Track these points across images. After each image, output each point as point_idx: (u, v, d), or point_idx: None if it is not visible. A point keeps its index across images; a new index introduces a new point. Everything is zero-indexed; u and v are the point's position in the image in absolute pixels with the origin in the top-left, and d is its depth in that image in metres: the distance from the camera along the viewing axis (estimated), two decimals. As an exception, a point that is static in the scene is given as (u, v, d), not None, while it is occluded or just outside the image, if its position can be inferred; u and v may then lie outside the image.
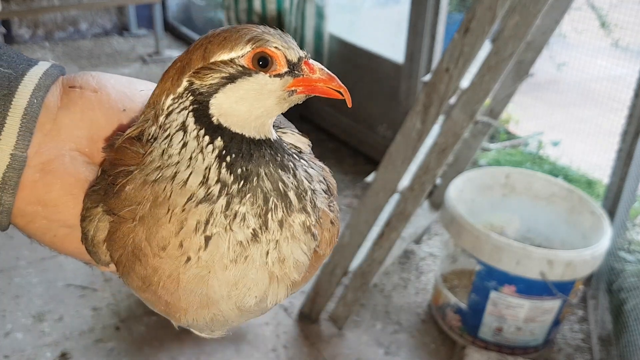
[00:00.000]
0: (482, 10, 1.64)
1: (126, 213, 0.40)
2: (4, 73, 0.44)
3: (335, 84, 0.43)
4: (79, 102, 0.47)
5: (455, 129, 1.80)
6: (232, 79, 0.40)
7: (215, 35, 0.41)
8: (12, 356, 2.13)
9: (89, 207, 0.44)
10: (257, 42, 0.40)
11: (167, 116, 0.40)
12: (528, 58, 2.26)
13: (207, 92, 0.40)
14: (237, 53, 0.40)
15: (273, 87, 0.41)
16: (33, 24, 5.51)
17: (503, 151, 3.55)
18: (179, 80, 0.40)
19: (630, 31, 3.02)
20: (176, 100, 0.40)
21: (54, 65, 0.47)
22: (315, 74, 0.43)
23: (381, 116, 3.45)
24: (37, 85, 0.45)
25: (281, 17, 3.91)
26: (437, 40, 3.00)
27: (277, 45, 0.41)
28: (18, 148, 0.43)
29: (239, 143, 0.41)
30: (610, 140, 2.68)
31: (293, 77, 0.42)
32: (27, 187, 0.45)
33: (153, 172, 0.40)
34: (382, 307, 2.43)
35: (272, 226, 0.41)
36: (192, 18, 5.78)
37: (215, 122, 0.40)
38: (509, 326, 2.08)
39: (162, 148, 0.40)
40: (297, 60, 0.42)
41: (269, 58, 0.41)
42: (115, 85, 0.49)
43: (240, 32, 0.41)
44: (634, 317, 2.04)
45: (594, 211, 2.16)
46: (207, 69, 0.40)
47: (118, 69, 4.94)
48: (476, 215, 2.22)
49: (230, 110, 0.40)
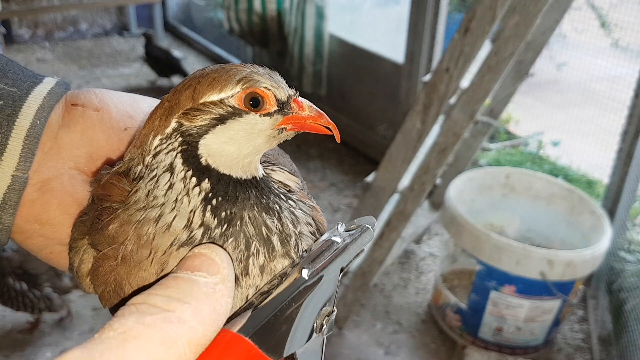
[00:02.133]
0: (482, 10, 1.64)
1: (109, 251, 0.40)
2: (9, 91, 0.44)
3: (324, 120, 0.43)
4: (80, 121, 0.47)
5: (455, 129, 1.80)
6: (222, 120, 0.40)
7: (204, 75, 0.40)
8: (12, 356, 2.13)
9: (75, 238, 0.43)
10: (247, 82, 0.40)
11: (154, 156, 0.40)
12: (528, 58, 2.26)
13: (196, 133, 0.39)
14: (227, 94, 0.40)
15: (263, 127, 0.41)
16: (33, 24, 5.51)
17: (503, 151, 3.55)
18: (167, 121, 0.40)
19: (630, 31, 3.02)
20: (164, 140, 0.40)
21: (58, 83, 0.47)
22: (304, 112, 0.43)
23: (381, 116, 3.45)
24: (40, 106, 0.44)
25: (281, 17, 3.91)
26: (437, 40, 3.01)
27: (267, 86, 0.41)
28: (19, 169, 0.43)
29: (226, 185, 0.40)
30: (610, 140, 2.68)
31: (283, 115, 0.42)
32: (25, 205, 0.45)
33: (137, 212, 0.39)
34: (382, 307, 2.43)
35: (253, 271, 0.40)
36: (192, 18, 5.78)
37: (204, 162, 0.40)
38: (509, 326, 2.09)
39: (147, 189, 0.39)
40: (287, 99, 0.42)
41: (260, 98, 0.40)
42: (118, 104, 0.49)
43: (229, 72, 0.40)
44: (634, 317, 2.04)
45: (594, 211, 2.16)
46: (196, 110, 0.39)
47: (118, 69, 4.94)
48: (476, 215, 2.22)
49: (219, 150, 0.40)
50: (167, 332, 0.30)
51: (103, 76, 4.82)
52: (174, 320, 0.31)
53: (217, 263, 0.36)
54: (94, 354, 0.29)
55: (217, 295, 0.34)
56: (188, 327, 0.31)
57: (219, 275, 0.35)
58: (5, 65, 0.46)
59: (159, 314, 0.31)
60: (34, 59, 5.12)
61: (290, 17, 3.76)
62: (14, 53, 5.17)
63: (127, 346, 0.29)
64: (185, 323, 0.31)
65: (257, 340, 0.34)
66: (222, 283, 0.35)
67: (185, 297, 0.33)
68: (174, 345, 0.30)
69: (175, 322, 0.31)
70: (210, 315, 0.33)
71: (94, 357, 0.29)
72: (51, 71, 4.84)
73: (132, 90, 4.56)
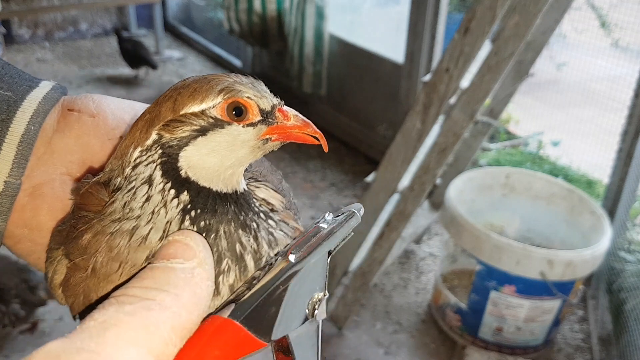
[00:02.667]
0: (482, 10, 1.64)
1: (80, 261, 0.39)
2: (4, 96, 0.44)
3: (311, 129, 0.42)
4: (75, 126, 0.47)
5: (455, 129, 1.80)
6: (203, 132, 0.39)
7: (185, 86, 0.39)
8: (12, 356, 2.13)
9: (51, 248, 0.43)
10: (229, 92, 0.39)
11: (133, 168, 0.39)
12: (528, 58, 2.26)
13: (177, 145, 0.38)
14: (209, 104, 0.39)
15: (246, 137, 0.40)
16: (33, 24, 5.51)
17: (503, 151, 3.55)
18: (148, 133, 0.39)
19: (630, 31, 3.02)
20: (144, 152, 0.39)
21: (54, 88, 0.47)
22: (289, 121, 0.41)
23: (381, 116, 3.45)
24: (35, 111, 0.44)
25: (281, 17, 3.91)
26: (437, 40, 3.01)
27: (249, 95, 0.40)
28: (12, 175, 0.43)
29: (205, 197, 0.39)
30: (610, 140, 2.68)
31: (267, 125, 0.41)
32: (16, 210, 0.45)
33: (112, 223, 0.38)
34: (382, 307, 2.43)
35: (223, 290, 0.39)
36: (192, 18, 5.78)
37: (184, 175, 0.39)
38: (509, 326, 2.09)
39: (124, 200, 0.38)
40: (271, 109, 0.41)
41: (243, 108, 0.39)
42: (115, 111, 0.49)
43: (211, 83, 0.39)
44: (634, 317, 2.04)
45: (594, 211, 2.16)
46: (177, 121, 0.38)
47: (118, 69, 4.94)
48: (476, 215, 2.22)
49: (200, 162, 0.39)
50: (148, 319, 0.30)
51: (103, 76, 4.82)
52: (155, 307, 0.31)
53: (193, 247, 0.36)
54: (74, 343, 0.29)
55: (196, 280, 0.34)
56: (170, 312, 0.31)
57: (196, 260, 0.35)
58: (2, 68, 0.46)
59: (138, 302, 0.31)
60: (34, 59, 5.12)
61: (290, 17, 3.76)
62: (14, 53, 5.17)
63: (108, 334, 0.29)
64: (166, 309, 0.31)
65: (247, 324, 0.34)
66: (199, 267, 0.35)
67: (164, 285, 0.33)
68: (157, 330, 0.30)
69: (156, 309, 0.31)
70: (192, 300, 0.33)
71: (75, 346, 0.29)
72: (51, 71, 4.84)
73: (132, 90, 4.58)
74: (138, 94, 4.49)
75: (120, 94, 4.48)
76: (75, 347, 0.29)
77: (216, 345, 0.33)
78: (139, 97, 4.45)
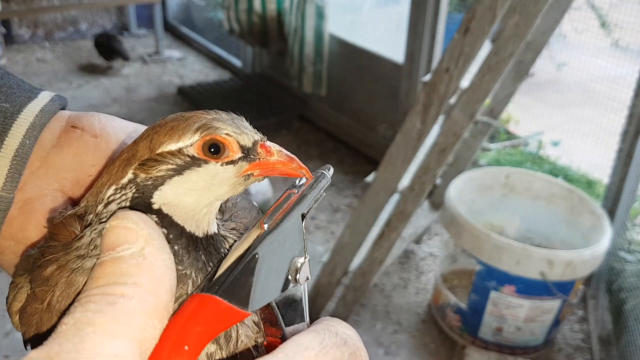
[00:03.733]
0: (482, 10, 1.64)
1: (39, 292, 0.37)
2: (1, 107, 0.43)
3: (295, 165, 0.40)
4: (74, 144, 0.46)
5: (455, 129, 1.80)
6: (179, 171, 0.37)
7: (162, 124, 0.38)
8: (12, 356, 2.13)
9: (17, 273, 0.41)
10: (206, 129, 0.37)
11: (105, 206, 0.38)
12: (528, 58, 2.26)
13: (152, 184, 0.37)
14: (185, 142, 0.37)
15: (225, 176, 0.38)
16: (33, 24, 5.51)
17: (503, 151, 3.55)
18: (124, 172, 0.38)
19: (630, 31, 3.02)
20: (119, 191, 0.38)
21: (53, 100, 0.46)
22: (272, 157, 0.40)
23: (381, 116, 3.45)
24: (31, 124, 0.44)
25: (281, 17, 3.91)
26: (437, 40, 3.01)
27: (228, 132, 0.38)
28: (5, 190, 0.43)
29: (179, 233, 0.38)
30: (610, 140, 2.68)
31: (248, 162, 0.39)
32: (5, 222, 0.44)
33: (76, 259, 0.37)
34: (382, 307, 2.43)
35: None
36: (192, 18, 5.78)
37: (156, 207, 0.37)
38: (509, 326, 2.09)
39: (91, 237, 0.37)
40: (252, 145, 0.39)
41: (221, 145, 0.38)
42: (119, 134, 0.48)
43: (188, 121, 0.38)
44: (634, 317, 2.04)
45: (594, 211, 2.16)
46: (153, 160, 0.37)
47: (118, 69, 4.94)
48: (476, 215, 2.22)
49: (175, 201, 0.38)
50: (117, 311, 0.30)
51: (103, 76, 4.82)
52: (119, 300, 0.30)
53: (133, 228, 0.34)
54: (53, 348, 0.28)
55: (150, 259, 0.33)
56: (135, 300, 0.31)
57: (141, 239, 0.33)
58: (1, 78, 0.45)
59: (101, 300, 0.31)
60: (34, 59, 5.12)
61: (290, 17, 3.76)
62: (14, 53, 5.17)
63: (83, 333, 0.29)
64: (131, 298, 0.31)
65: (226, 296, 0.34)
66: (148, 245, 0.33)
67: (119, 278, 0.32)
68: (131, 320, 0.30)
69: (121, 301, 0.30)
70: (153, 281, 0.32)
71: (54, 350, 0.28)
72: (51, 71, 4.84)
73: (131, 89, 4.58)
74: (138, 94, 4.50)
75: (121, 92, 4.48)
76: (54, 352, 0.28)
77: (197, 321, 0.33)
78: (139, 96, 4.45)
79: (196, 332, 0.32)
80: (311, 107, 3.94)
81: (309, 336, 0.34)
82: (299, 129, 3.90)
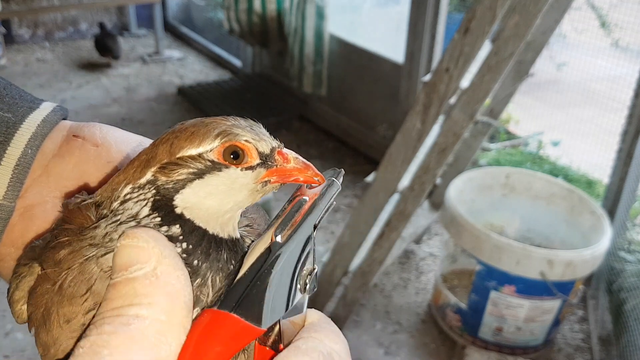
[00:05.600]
0: (482, 10, 1.64)
1: (52, 272, 0.38)
2: (3, 117, 0.44)
3: (311, 172, 0.40)
4: (75, 153, 0.47)
5: (455, 129, 1.80)
6: (200, 175, 0.38)
7: (183, 129, 0.39)
8: (12, 356, 2.13)
9: (20, 263, 0.42)
10: (227, 136, 0.38)
11: (121, 203, 0.38)
12: (528, 58, 2.26)
13: (173, 187, 0.38)
14: (206, 148, 0.38)
15: (245, 181, 0.39)
16: (33, 24, 5.51)
17: (503, 151, 3.55)
18: (142, 173, 0.38)
19: (630, 31, 3.02)
20: (136, 190, 0.38)
21: (54, 110, 0.47)
22: (289, 164, 0.40)
23: (381, 116, 3.45)
24: (33, 134, 0.44)
25: (281, 17, 3.91)
26: (437, 40, 3.01)
27: (247, 139, 0.39)
28: (7, 199, 0.43)
29: (200, 237, 0.38)
30: (610, 140, 2.68)
31: (266, 168, 0.40)
32: (5, 229, 0.45)
33: (90, 247, 0.37)
34: (382, 307, 2.43)
35: None
36: (192, 18, 5.78)
37: (178, 212, 0.38)
38: (509, 326, 2.09)
39: (106, 230, 0.38)
40: (270, 151, 0.40)
41: (240, 151, 0.39)
42: (120, 144, 0.48)
43: (208, 127, 0.39)
44: (634, 317, 2.04)
45: (594, 211, 2.16)
46: (173, 164, 0.38)
47: (118, 69, 4.94)
48: (476, 215, 2.22)
49: (197, 204, 0.38)
50: (131, 332, 0.30)
51: (103, 76, 4.82)
52: (133, 322, 0.31)
53: (144, 247, 0.34)
54: None
55: (163, 278, 0.33)
56: (149, 321, 0.31)
57: (153, 258, 0.33)
58: (3, 89, 0.46)
59: (115, 321, 0.31)
60: (34, 59, 5.12)
61: (290, 17, 3.76)
62: (14, 53, 5.17)
63: (100, 355, 0.29)
64: (145, 319, 0.31)
65: (242, 313, 0.33)
66: (160, 264, 0.33)
67: (133, 299, 0.32)
68: (145, 339, 0.30)
69: (135, 322, 0.31)
70: (167, 299, 0.32)
71: None
72: (51, 71, 4.84)
73: (131, 89, 4.57)
74: (138, 94, 4.50)
75: (121, 92, 4.48)
76: None
77: (217, 340, 0.33)
78: (139, 96, 4.45)
79: (216, 352, 0.32)
80: (311, 107, 3.94)
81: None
82: (299, 129, 3.90)
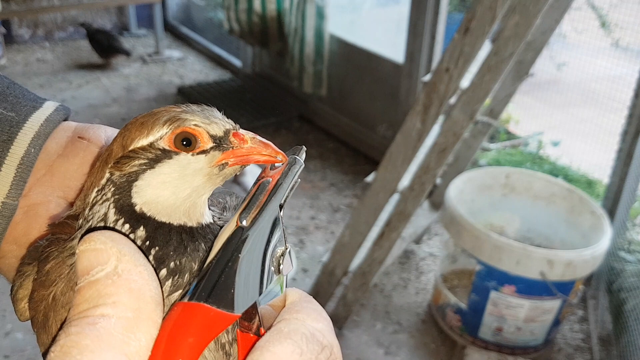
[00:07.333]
0: (482, 10, 1.64)
1: (45, 280, 0.39)
2: (7, 116, 0.44)
3: (270, 150, 0.40)
4: (80, 154, 0.47)
5: (455, 129, 1.80)
6: (151, 165, 0.38)
7: (134, 122, 0.39)
8: (12, 356, 2.13)
9: (24, 262, 0.42)
10: (175, 122, 0.38)
11: (90, 208, 0.39)
12: (528, 58, 2.26)
13: (126, 180, 0.38)
14: (155, 136, 0.38)
15: (198, 166, 0.39)
16: (33, 24, 5.51)
17: (503, 151, 3.55)
18: (102, 172, 0.39)
19: (630, 31, 3.02)
20: (99, 192, 0.38)
21: (57, 109, 0.47)
22: (246, 144, 0.40)
23: (381, 116, 3.45)
24: (37, 133, 0.45)
25: (281, 17, 3.91)
26: (437, 40, 3.01)
27: (196, 123, 0.38)
28: (10, 197, 0.43)
29: (166, 234, 0.38)
30: (610, 140, 2.68)
31: (221, 150, 0.39)
32: (8, 227, 0.45)
33: (72, 257, 0.38)
34: (382, 307, 2.43)
35: None
36: (192, 18, 5.78)
37: (138, 210, 0.38)
38: (509, 326, 2.09)
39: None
40: (224, 134, 0.39)
41: (192, 137, 0.38)
42: None
43: (157, 115, 0.39)
44: (634, 317, 2.04)
45: (594, 211, 2.16)
46: (126, 157, 0.38)
47: (118, 69, 4.94)
48: (476, 215, 2.22)
49: (154, 196, 0.38)
50: (98, 331, 0.30)
51: (103, 76, 4.82)
52: (99, 321, 0.31)
53: (102, 248, 0.34)
54: None
55: (125, 276, 0.32)
56: (116, 318, 0.31)
57: (113, 257, 0.33)
58: (7, 88, 0.46)
59: (81, 323, 0.31)
60: (34, 59, 5.12)
61: (290, 17, 3.76)
62: (14, 53, 5.17)
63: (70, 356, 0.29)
64: (110, 317, 0.31)
65: (213, 301, 0.33)
66: (120, 262, 0.33)
67: (98, 301, 0.32)
68: (112, 337, 0.30)
69: (101, 321, 0.30)
70: (131, 296, 0.32)
71: None
72: (51, 71, 4.84)
73: (131, 89, 4.57)
74: (138, 94, 4.50)
75: (121, 92, 4.48)
76: None
77: (189, 332, 0.32)
78: (139, 96, 4.45)
79: (189, 343, 0.32)
80: (311, 107, 3.94)
81: (286, 348, 0.33)
82: (299, 129, 3.90)
